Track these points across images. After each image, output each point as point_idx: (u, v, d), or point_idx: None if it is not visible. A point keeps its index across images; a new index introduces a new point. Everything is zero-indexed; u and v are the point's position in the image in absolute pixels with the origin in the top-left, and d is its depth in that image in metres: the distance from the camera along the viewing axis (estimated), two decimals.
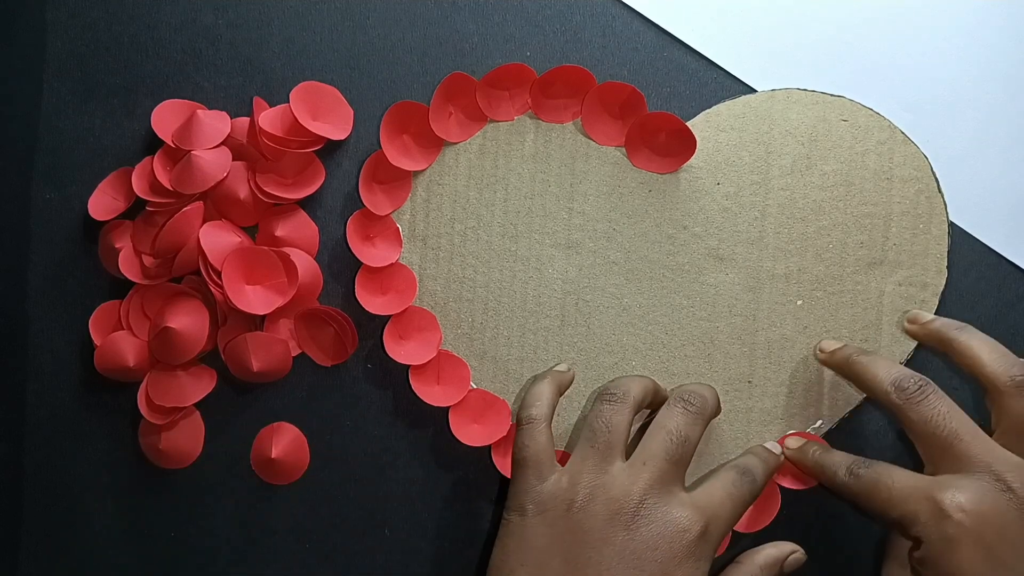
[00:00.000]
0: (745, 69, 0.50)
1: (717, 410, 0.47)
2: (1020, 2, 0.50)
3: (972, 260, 0.50)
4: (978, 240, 0.50)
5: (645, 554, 0.41)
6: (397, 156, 0.50)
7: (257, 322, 0.51)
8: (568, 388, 0.50)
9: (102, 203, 0.51)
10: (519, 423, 0.47)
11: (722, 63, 0.50)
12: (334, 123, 0.51)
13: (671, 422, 0.44)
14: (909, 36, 0.50)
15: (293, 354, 0.51)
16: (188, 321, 0.49)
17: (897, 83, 0.49)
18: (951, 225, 0.49)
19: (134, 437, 0.52)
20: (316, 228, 0.51)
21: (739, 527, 0.49)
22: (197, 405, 0.51)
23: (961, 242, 0.50)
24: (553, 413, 0.47)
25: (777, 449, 0.48)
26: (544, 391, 0.47)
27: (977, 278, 0.50)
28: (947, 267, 0.49)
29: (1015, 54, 0.50)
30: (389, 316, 0.50)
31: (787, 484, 0.49)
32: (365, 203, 0.50)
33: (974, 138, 0.50)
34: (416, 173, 0.51)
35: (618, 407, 0.45)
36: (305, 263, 0.50)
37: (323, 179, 0.51)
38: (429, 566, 0.52)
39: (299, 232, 0.51)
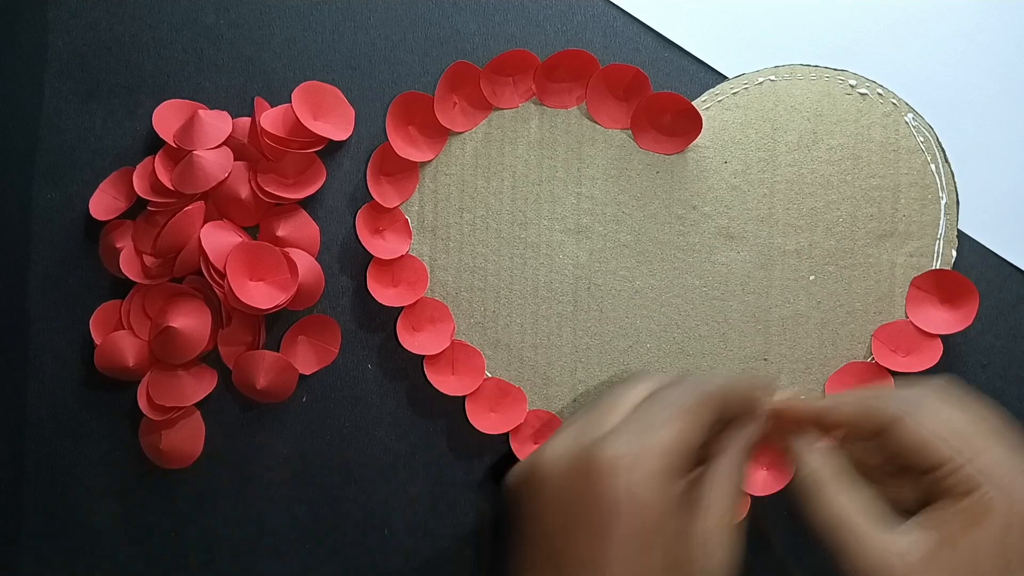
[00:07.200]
0: (744, 71, 0.51)
1: (733, 399, 0.38)
2: (1018, 6, 0.51)
3: (972, 262, 0.50)
4: (978, 242, 0.50)
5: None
6: (403, 147, 0.50)
7: (259, 325, 0.50)
8: None
9: (103, 203, 0.51)
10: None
11: (722, 69, 0.51)
12: (335, 123, 0.51)
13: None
14: (909, 42, 0.51)
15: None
16: (190, 321, 0.49)
17: (897, 89, 0.50)
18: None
19: (134, 437, 0.51)
20: (317, 228, 0.51)
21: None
22: (197, 405, 0.51)
23: (962, 244, 0.50)
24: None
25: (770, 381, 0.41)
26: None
27: (977, 279, 0.49)
28: (957, 237, 0.49)
29: (1015, 58, 0.51)
30: (401, 308, 0.50)
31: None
32: (373, 196, 0.50)
33: (973, 142, 0.50)
34: (423, 164, 0.51)
35: (638, 386, 0.38)
36: (307, 263, 0.49)
37: (324, 179, 0.51)
38: (429, 566, 0.51)
39: (300, 232, 0.51)
